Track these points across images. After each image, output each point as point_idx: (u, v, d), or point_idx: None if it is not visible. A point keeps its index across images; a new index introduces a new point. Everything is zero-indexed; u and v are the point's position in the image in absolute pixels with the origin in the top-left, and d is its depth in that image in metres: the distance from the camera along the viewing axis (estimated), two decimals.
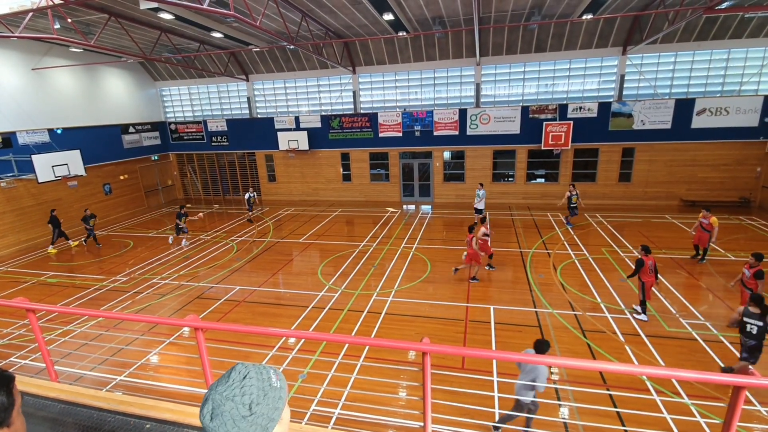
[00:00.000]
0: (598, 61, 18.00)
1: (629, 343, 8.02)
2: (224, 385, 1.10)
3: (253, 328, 2.55)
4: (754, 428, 5.86)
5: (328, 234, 16.38)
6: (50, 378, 3.52)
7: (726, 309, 9.21)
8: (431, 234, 15.82)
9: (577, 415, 6.28)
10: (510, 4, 14.13)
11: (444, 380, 7.00)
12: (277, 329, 2.67)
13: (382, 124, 20.53)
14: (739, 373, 6.48)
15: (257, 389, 1.10)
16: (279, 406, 1.13)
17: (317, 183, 22.60)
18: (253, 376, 1.13)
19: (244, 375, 1.13)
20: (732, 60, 16.88)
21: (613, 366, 2.46)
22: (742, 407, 4.14)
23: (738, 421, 2.11)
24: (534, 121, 18.74)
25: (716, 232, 11.20)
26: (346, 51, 19.49)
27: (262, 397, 1.10)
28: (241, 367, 1.16)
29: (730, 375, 1.96)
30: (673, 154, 17.87)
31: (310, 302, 10.39)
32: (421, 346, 2.35)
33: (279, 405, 1.13)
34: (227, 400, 1.07)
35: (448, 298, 10.31)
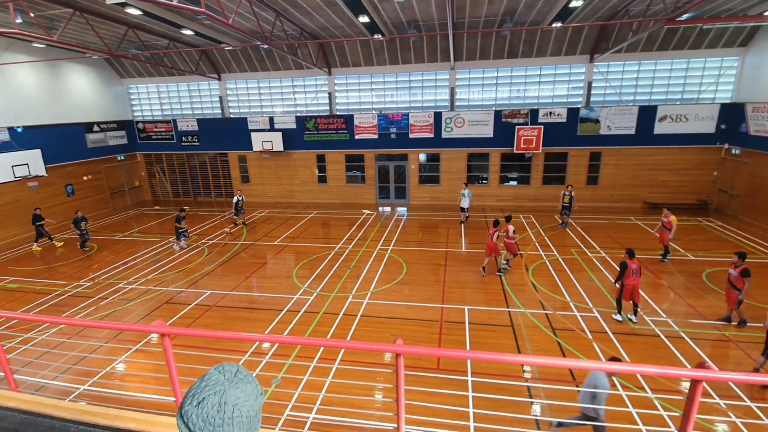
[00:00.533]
0: (567, 68, 18.61)
1: (597, 341, 8.29)
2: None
3: (223, 333, 2.48)
4: (713, 420, 6.17)
5: (304, 236, 16.20)
6: (10, 387, 3.33)
7: (686, 306, 9.67)
8: (407, 236, 15.90)
9: (548, 411, 6.44)
10: (483, 10, 14.42)
11: (419, 381, 7.04)
12: (248, 334, 2.61)
13: (357, 126, 20.51)
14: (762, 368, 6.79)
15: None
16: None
17: (292, 185, 22.33)
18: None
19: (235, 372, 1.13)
20: (691, 69, 17.82)
21: (582, 363, 2.53)
22: (701, 400, 4.34)
23: (696, 413, 2.20)
24: (506, 125, 19.16)
25: (675, 230, 11.88)
26: (322, 52, 19.38)
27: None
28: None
29: (687, 369, 2.05)
30: (637, 158, 18.66)
31: (284, 305, 10.23)
32: (394, 347, 2.34)
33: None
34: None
35: (423, 300, 10.37)
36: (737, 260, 8.44)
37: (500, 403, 6.45)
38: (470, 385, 6.93)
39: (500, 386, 6.88)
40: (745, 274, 8.22)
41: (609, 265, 12.18)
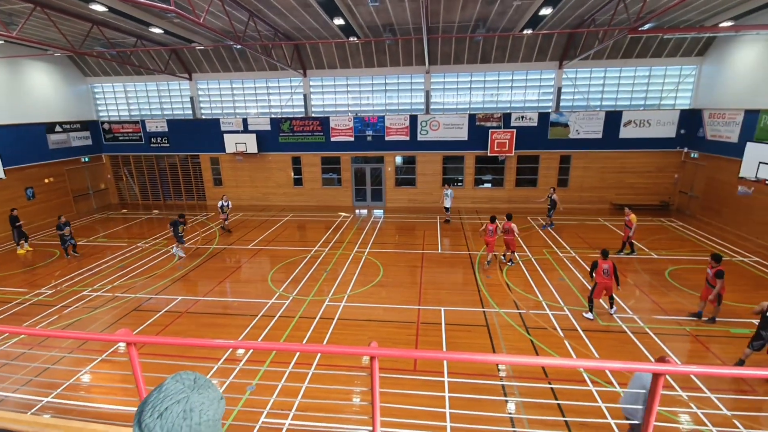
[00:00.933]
0: (537, 73, 19.16)
1: (568, 338, 8.54)
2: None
3: (193, 340, 2.41)
4: (676, 411, 6.46)
5: (279, 239, 15.97)
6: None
7: (651, 303, 10.10)
8: (383, 238, 15.93)
9: (522, 409, 6.58)
10: (457, 15, 14.67)
11: (397, 383, 7.05)
12: (220, 341, 2.55)
13: (333, 128, 20.42)
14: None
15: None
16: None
17: (267, 187, 21.99)
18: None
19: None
20: (653, 77, 18.68)
21: (553, 360, 2.60)
22: (664, 393, 4.53)
23: (659, 405, 2.30)
24: (480, 129, 19.53)
25: (634, 228, 12.71)
26: (297, 53, 19.22)
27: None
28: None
29: (649, 363, 2.15)
30: (604, 161, 19.39)
31: (259, 310, 10.05)
32: (368, 350, 2.34)
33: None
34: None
35: (400, 302, 10.41)
36: (713, 262, 8.86)
37: (476, 403, 6.55)
38: (446, 386, 7.00)
39: (476, 386, 6.98)
40: (719, 276, 8.67)
41: (579, 265, 12.58)
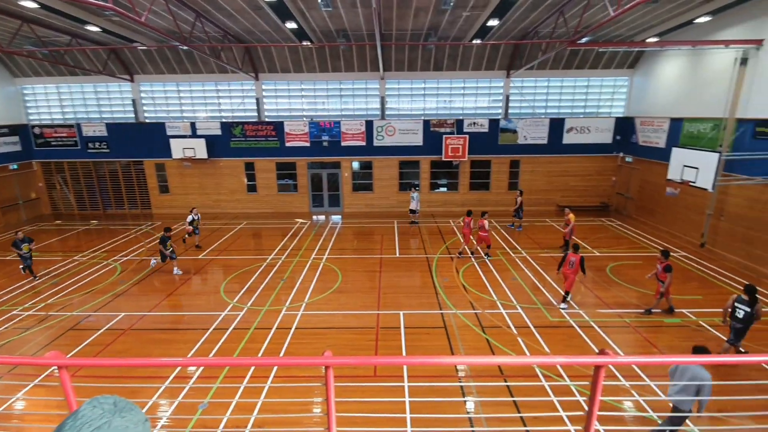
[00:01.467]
0: (487, 81, 19.94)
1: (521, 335, 8.88)
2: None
3: (133, 360, 2.23)
4: (621, 400, 6.88)
5: (232, 248, 15.37)
6: None
7: (594, 298, 10.75)
8: (342, 244, 15.80)
9: (480, 408, 6.74)
10: (409, 23, 14.95)
11: (358, 391, 6.97)
12: (164, 359, 2.38)
13: (288, 133, 20.04)
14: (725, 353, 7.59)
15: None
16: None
17: (219, 194, 21.12)
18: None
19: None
20: (591, 86, 20.05)
21: (507, 359, 2.67)
22: (606, 383, 4.77)
23: (601, 395, 2.43)
24: (435, 134, 19.98)
25: (572, 226, 13.91)
26: (248, 56, 18.71)
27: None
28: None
29: (591, 356, 2.26)
30: (550, 165, 20.50)
31: (211, 323, 9.58)
32: (322, 360, 2.29)
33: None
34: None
35: (359, 307, 10.35)
36: (662, 258, 9.55)
37: (436, 405, 6.61)
38: (407, 390, 7.02)
39: (435, 388, 7.06)
40: (668, 270, 9.37)
41: (530, 265, 13.15)
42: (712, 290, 11.12)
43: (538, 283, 11.73)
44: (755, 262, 12.54)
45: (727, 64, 13.49)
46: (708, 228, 14.35)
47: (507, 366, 7.75)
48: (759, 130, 12.52)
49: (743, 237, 13.06)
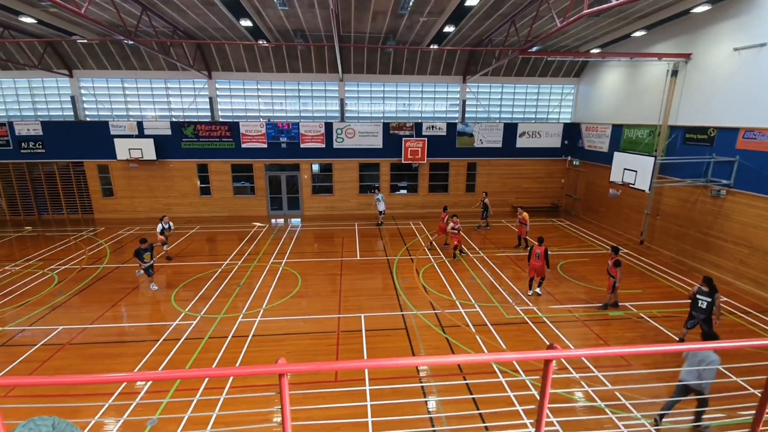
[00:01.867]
0: (444, 86, 20.40)
1: (479, 333, 9.12)
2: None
3: (70, 377, 2.05)
4: (573, 391, 7.23)
5: (185, 254, 14.65)
6: None
7: (546, 294, 11.25)
8: (301, 248, 15.51)
9: (441, 406, 6.83)
10: (368, 26, 14.99)
11: (319, 397, 6.86)
12: (105, 375, 2.22)
13: (244, 134, 19.43)
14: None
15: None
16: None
17: (169, 197, 20.07)
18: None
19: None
20: (541, 93, 21.07)
21: (460, 358, 2.72)
22: (556, 376, 5.01)
23: (555, 387, 2.52)
24: (394, 137, 20.14)
25: (528, 224, 14.92)
26: (200, 53, 17.97)
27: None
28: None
29: (540, 351, 2.35)
30: (505, 168, 21.29)
31: (161, 334, 9.06)
32: (275, 368, 2.22)
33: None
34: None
35: (319, 312, 10.19)
36: (611, 254, 10.13)
37: (397, 407, 6.63)
38: (368, 393, 6.99)
39: (397, 390, 7.08)
40: (617, 265, 9.92)
41: (487, 264, 13.55)
42: (650, 284, 12.00)
43: (494, 282, 12.11)
44: (686, 256, 13.69)
45: (661, 75, 14.66)
46: (646, 226, 15.49)
47: (465, 364, 7.92)
48: (688, 136, 13.69)
49: (676, 234, 14.21)
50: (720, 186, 12.32)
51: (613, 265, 10.00)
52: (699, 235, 13.23)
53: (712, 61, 12.77)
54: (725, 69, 12.28)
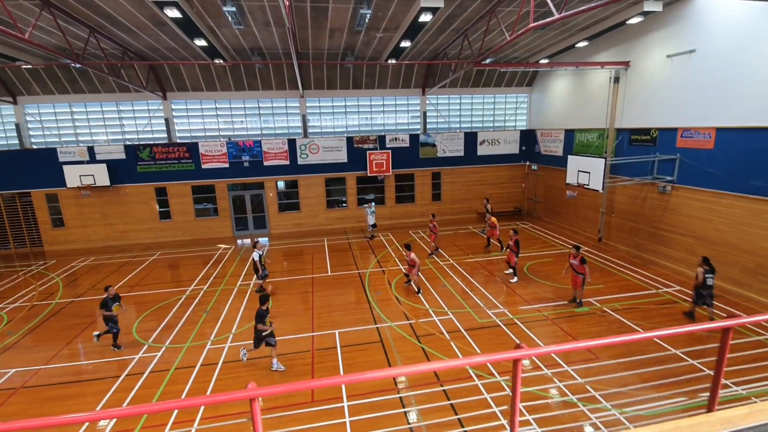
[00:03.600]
0: (405, 99, 20.84)
1: (453, 340, 9.22)
2: None
3: (24, 422, 1.92)
4: (547, 388, 7.43)
5: (145, 282, 13.97)
6: None
7: (516, 296, 11.56)
8: (270, 267, 15.13)
9: (420, 416, 6.83)
10: (325, 43, 15.15)
11: (296, 419, 6.68)
12: (61, 417, 2.10)
13: (204, 154, 18.95)
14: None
15: None
16: None
17: (126, 224, 19.16)
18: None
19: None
20: (497, 102, 21.93)
21: (431, 365, 2.77)
22: (526, 375, 5.13)
23: (530, 386, 2.61)
24: (359, 150, 20.28)
25: (497, 227, 15.58)
26: (153, 74, 17.48)
27: None
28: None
29: (508, 351, 2.44)
30: (468, 176, 21.88)
31: (123, 370, 8.56)
32: (245, 393, 2.18)
33: None
34: None
35: (292, 331, 9.98)
36: (575, 252, 10.55)
37: (376, 421, 6.56)
38: (346, 410, 6.89)
39: (375, 404, 7.02)
40: (583, 261, 10.34)
41: (457, 271, 13.78)
42: (611, 278, 12.60)
43: (465, 287, 12.32)
44: (640, 250, 14.50)
45: (604, 81, 15.66)
46: (603, 224, 16.31)
47: (441, 371, 7.97)
48: (633, 137, 14.64)
49: (630, 229, 15.04)
50: (665, 182, 13.22)
51: (580, 262, 10.41)
52: (650, 229, 14.07)
53: (648, 68, 13.80)
54: (660, 74, 13.30)
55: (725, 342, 3.01)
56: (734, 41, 10.82)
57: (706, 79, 11.70)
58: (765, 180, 10.32)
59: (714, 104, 11.53)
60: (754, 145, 10.55)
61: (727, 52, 11.05)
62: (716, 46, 11.34)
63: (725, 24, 11.06)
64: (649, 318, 9.94)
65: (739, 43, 10.70)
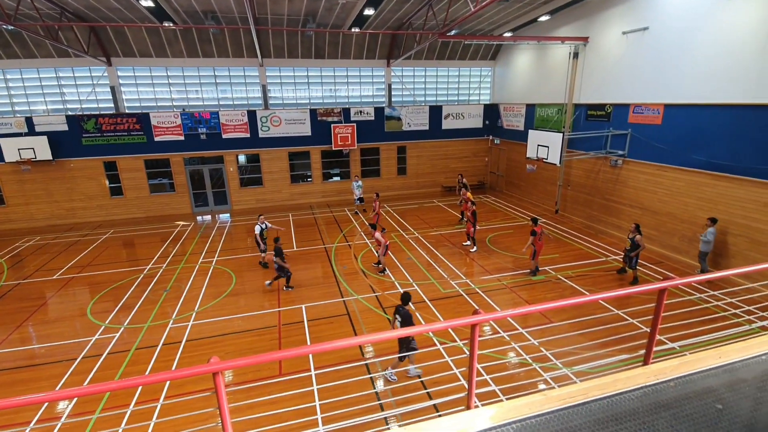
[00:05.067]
0: (369, 70, 20.39)
1: (418, 310, 9.52)
2: None
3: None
4: (504, 349, 7.88)
5: (98, 262, 13.31)
6: None
7: (478, 267, 12.01)
8: (233, 244, 14.85)
9: (384, 381, 7.08)
10: (285, 8, 14.43)
11: (265, 390, 6.75)
12: (17, 398, 2.02)
13: (156, 126, 17.87)
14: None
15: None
16: None
17: (73, 201, 17.96)
18: None
19: None
20: (462, 76, 21.94)
21: (392, 333, 2.86)
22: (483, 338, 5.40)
23: (479, 349, 2.76)
24: (323, 124, 19.83)
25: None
26: (96, 38, 16.05)
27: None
28: None
29: (466, 317, 2.56)
30: (433, 150, 22.02)
31: (79, 352, 8.25)
32: (207, 367, 2.17)
33: None
34: None
35: (258, 308, 9.93)
36: (533, 224, 10.97)
37: (343, 387, 6.75)
38: (314, 379, 7.03)
39: (342, 371, 7.19)
40: (533, 234, 10.83)
41: (422, 244, 14.07)
42: (566, 248, 13.31)
43: (430, 260, 12.64)
44: (593, 221, 15.34)
45: (564, 57, 15.99)
46: (560, 196, 17.05)
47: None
48: (590, 113, 15.19)
49: (584, 201, 15.84)
50: (617, 156, 13.91)
51: (532, 234, 10.94)
52: (603, 201, 14.88)
53: (605, 44, 14.20)
54: (616, 51, 13.73)
55: (660, 302, 3.30)
56: (685, 21, 11.29)
57: (658, 56, 12.21)
58: (704, 154, 11.09)
59: (664, 81, 12.11)
60: (696, 121, 11.25)
61: (678, 31, 11.52)
62: (668, 25, 11.80)
63: (676, 2, 11.49)
64: (598, 284, 10.67)
65: (689, 23, 11.18)
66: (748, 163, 10.07)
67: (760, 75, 9.62)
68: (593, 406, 2.83)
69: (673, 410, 2.85)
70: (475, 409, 2.84)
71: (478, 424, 2.62)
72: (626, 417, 2.76)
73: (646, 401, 2.95)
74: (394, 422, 6.13)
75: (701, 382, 3.20)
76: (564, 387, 2.86)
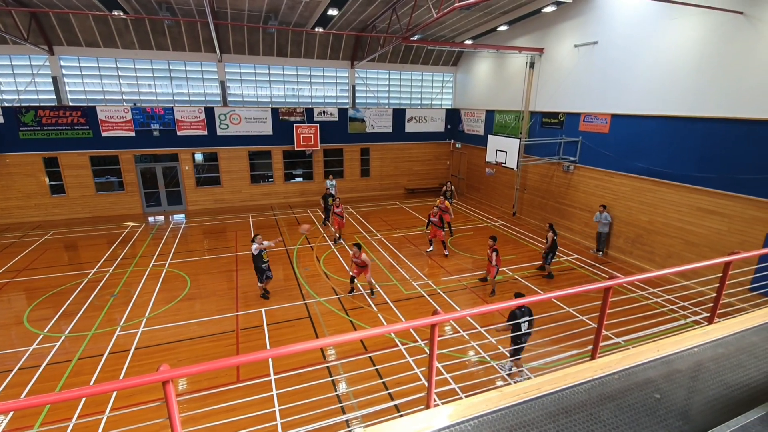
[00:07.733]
0: (333, 71, 20.27)
1: (381, 311, 9.55)
2: None
3: None
4: (464, 348, 8.06)
5: (36, 266, 12.31)
6: None
7: (439, 268, 12.23)
8: (188, 246, 14.23)
9: (347, 383, 7.05)
10: (245, 3, 14.06)
11: (222, 397, 6.51)
12: None
13: (104, 120, 16.82)
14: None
15: None
16: None
17: (7, 200, 16.51)
18: None
19: None
20: (425, 80, 22.31)
21: (354, 335, 2.86)
22: (442, 338, 5.51)
23: (449, 347, 2.81)
24: (285, 123, 19.47)
25: (450, 212, 14.89)
26: (36, 24, 14.88)
27: None
28: None
29: (424, 318, 2.61)
30: (397, 152, 22.21)
31: (14, 363, 7.58)
32: (157, 376, 2.08)
33: None
34: None
35: (215, 312, 9.57)
36: (491, 242, 10.42)
37: (304, 392, 6.65)
38: (273, 384, 6.87)
39: (302, 375, 7.08)
40: (495, 251, 10.30)
41: (385, 246, 14.13)
42: (522, 249, 13.85)
43: (393, 261, 12.72)
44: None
45: (522, 66, 16.68)
46: (517, 200, 17.73)
47: (366, 338, 8.26)
48: (545, 120, 15.92)
49: (539, 205, 16.56)
50: (569, 162, 14.66)
51: (492, 252, 10.47)
52: (556, 205, 15.63)
53: (558, 55, 14.95)
54: (568, 62, 14.50)
55: (606, 299, 3.51)
56: (631, 38, 12.12)
57: (606, 69, 13.02)
58: (645, 161, 11.94)
59: (611, 93, 12.92)
60: (638, 130, 12.10)
61: (624, 47, 12.35)
62: (615, 41, 12.62)
63: (623, 20, 12.31)
64: (552, 283, 11.18)
65: (634, 40, 12.01)
66: (683, 170, 10.95)
67: (695, 90, 10.50)
68: (546, 400, 2.97)
69: (617, 401, 3.05)
70: (434, 408, 2.89)
71: (437, 423, 2.67)
72: (575, 409, 2.92)
73: (593, 393, 3.12)
74: (356, 425, 6.11)
75: (642, 374, 3.44)
76: (519, 383, 2.97)
